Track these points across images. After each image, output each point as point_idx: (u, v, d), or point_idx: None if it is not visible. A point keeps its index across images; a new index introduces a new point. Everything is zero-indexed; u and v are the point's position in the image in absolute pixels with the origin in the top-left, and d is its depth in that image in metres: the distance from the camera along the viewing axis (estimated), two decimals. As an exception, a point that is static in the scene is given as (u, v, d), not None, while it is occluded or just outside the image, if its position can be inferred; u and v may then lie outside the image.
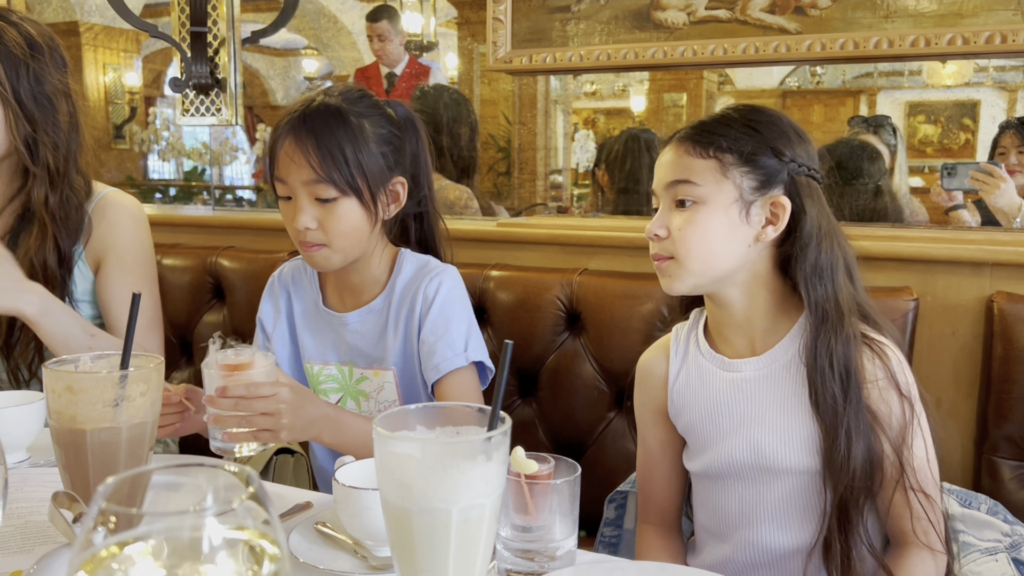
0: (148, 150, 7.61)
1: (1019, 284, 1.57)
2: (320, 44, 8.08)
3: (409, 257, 1.50)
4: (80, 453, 0.88)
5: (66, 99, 1.55)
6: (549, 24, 1.97)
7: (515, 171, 5.19)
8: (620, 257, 1.89)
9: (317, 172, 1.33)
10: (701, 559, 1.30)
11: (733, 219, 1.16)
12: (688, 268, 1.17)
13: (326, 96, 1.38)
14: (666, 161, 1.21)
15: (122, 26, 2.38)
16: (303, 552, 1.00)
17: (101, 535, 0.45)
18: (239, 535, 0.47)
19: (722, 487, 1.24)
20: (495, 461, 0.71)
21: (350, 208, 1.37)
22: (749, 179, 1.16)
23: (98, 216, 1.62)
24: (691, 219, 1.16)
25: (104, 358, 0.96)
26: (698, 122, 1.21)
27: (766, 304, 1.22)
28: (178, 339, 2.19)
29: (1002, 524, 1.32)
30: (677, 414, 1.28)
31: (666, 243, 1.18)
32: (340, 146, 1.33)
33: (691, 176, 1.17)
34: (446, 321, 1.42)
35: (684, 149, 1.19)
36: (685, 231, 1.16)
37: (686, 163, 1.18)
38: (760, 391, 1.20)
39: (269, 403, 1.16)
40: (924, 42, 1.61)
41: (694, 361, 1.27)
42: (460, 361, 1.40)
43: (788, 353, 1.20)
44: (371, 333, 1.48)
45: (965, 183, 2.24)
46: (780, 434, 1.18)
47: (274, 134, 1.37)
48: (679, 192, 1.17)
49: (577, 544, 1.01)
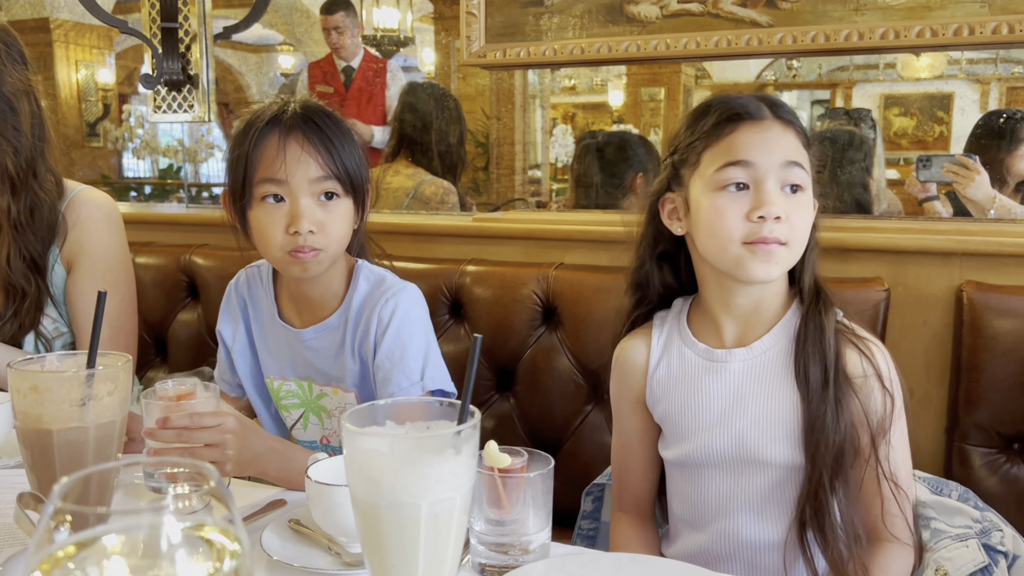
0: (123, 148, 7.52)
1: (988, 273, 1.59)
2: (293, 39, 8.03)
3: (365, 271, 1.43)
4: (47, 453, 0.87)
5: (27, 98, 1.50)
6: (523, 18, 1.97)
7: (493, 166, 5.18)
8: (596, 251, 1.89)
9: (327, 168, 1.28)
10: (675, 548, 1.31)
11: (812, 212, 1.17)
12: (794, 255, 1.15)
13: (304, 100, 1.35)
14: (771, 138, 1.14)
15: (93, 22, 2.35)
16: (276, 550, 0.99)
17: (58, 535, 0.45)
18: (199, 532, 0.46)
19: (699, 477, 1.24)
20: (464, 455, 0.71)
21: (347, 209, 1.34)
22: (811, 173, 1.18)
23: (71, 215, 1.58)
24: (801, 204, 1.14)
25: (71, 357, 0.95)
26: (779, 107, 1.17)
27: (777, 292, 1.21)
28: (152, 338, 2.17)
29: (972, 511, 1.33)
30: (655, 402, 1.28)
31: (783, 226, 1.11)
32: (341, 143, 1.30)
33: (803, 161, 1.14)
34: (402, 347, 1.35)
35: (793, 132, 1.15)
36: (798, 216, 1.13)
37: (796, 147, 1.15)
38: (745, 382, 1.20)
39: (213, 434, 1.12)
40: (893, 35, 1.62)
41: (677, 351, 1.26)
42: (415, 391, 1.33)
43: (776, 344, 1.20)
44: (328, 351, 1.41)
45: (940, 175, 2.27)
46: (763, 426, 1.18)
47: (253, 136, 1.30)
48: (793, 176, 1.13)
49: (551, 537, 1.02)
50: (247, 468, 1.18)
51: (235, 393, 1.53)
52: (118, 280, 1.63)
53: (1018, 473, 1.50)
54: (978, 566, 1.25)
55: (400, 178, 2.80)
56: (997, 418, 1.50)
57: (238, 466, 1.16)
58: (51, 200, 1.55)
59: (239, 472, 1.18)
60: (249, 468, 1.19)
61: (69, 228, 1.57)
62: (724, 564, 1.24)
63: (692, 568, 0.94)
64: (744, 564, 1.24)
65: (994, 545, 1.28)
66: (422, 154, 2.83)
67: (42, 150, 1.54)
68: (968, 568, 1.26)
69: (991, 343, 1.50)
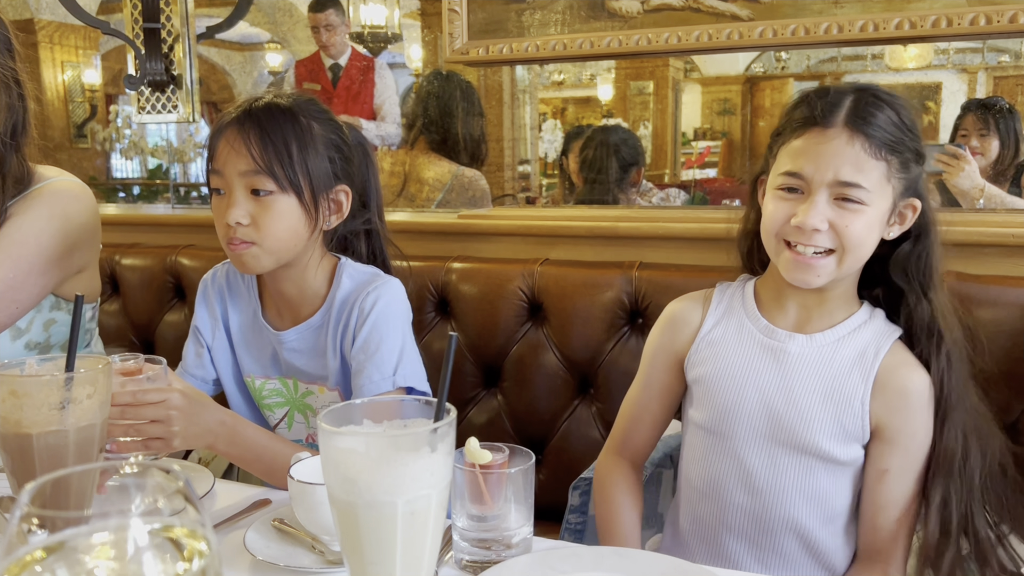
0: (110, 149, 7.49)
1: (969, 263, 1.60)
2: (278, 37, 8.00)
3: (349, 268, 1.41)
4: (27, 457, 0.87)
5: (6, 89, 1.41)
6: (505, 15, 1.97)
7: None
8: (580, 247, 1.90)
9: (257, 163, 1.26)
10: (682, 515, 1.32)
11: (883, 221, 1.15)
12: (844, 264, 1.14)
13: (275, 95, 1.34)
14: (831, 151, 1.11)
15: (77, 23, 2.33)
16: (260, 549, 1.00)
17: (26, 538, 0.45)
18: (167, 534, 0.47)
19: (726, 446, 1.25)
20: (440, 452, 0.71)
21: (288, 207, 1.30)
22: (901, 184, 1.14)
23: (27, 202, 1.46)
24: (858, 219, 1.12)
25: (50, 361, 0.95)
26: (862, 109, 1.12)
27: (842, 295, 1.22)
28: (140, 340, 2.17)
29: None
30: (697, 363, 1.28)
31: (826, 236, 1.12)
32: (285, 140, 1.28)
33: (862, 180, 1.10)
34: (378, 340, 1.33)
35: (859, 144, 1.11)
36: (853, 229, 1.11)
37: (859, 162, 1.11)
38: (797, 368, 1.20)
39: (158, 410, 1.12)
40: (873, 27, 1.63)
41: (737, 320, 1.27)
42: (386, 385, 1.31)
43: (840, 341, 1.20)
44: (310, 351, 1.40)
45: (930, 164, 2.27)
46: (806, 414, 1.19)
47: (216, 126, 1.32)
48: (848, 192, 1.11)
49: (533, 531, 1.02)
50: (196, 442, 1.18)
51: (205, 389, 1.48)
52: (19, 259, 1.42)
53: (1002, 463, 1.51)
54: None
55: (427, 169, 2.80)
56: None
57: (186, 441, 1.16)
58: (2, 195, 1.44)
59: (188, 446, 1.19)
60: (198, 442, 1.19)
61: (8, 217, 1.44)
62: (734, 539, 1.25)
63: (672, 560, 0.95)
64: (755, 544, 1.24)
65: None
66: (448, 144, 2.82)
67: (17, 145, 1.45)
68: None
69: (973, 333, 1.51)
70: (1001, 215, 1.69)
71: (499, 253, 1.94)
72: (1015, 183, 2.63)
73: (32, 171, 1.52)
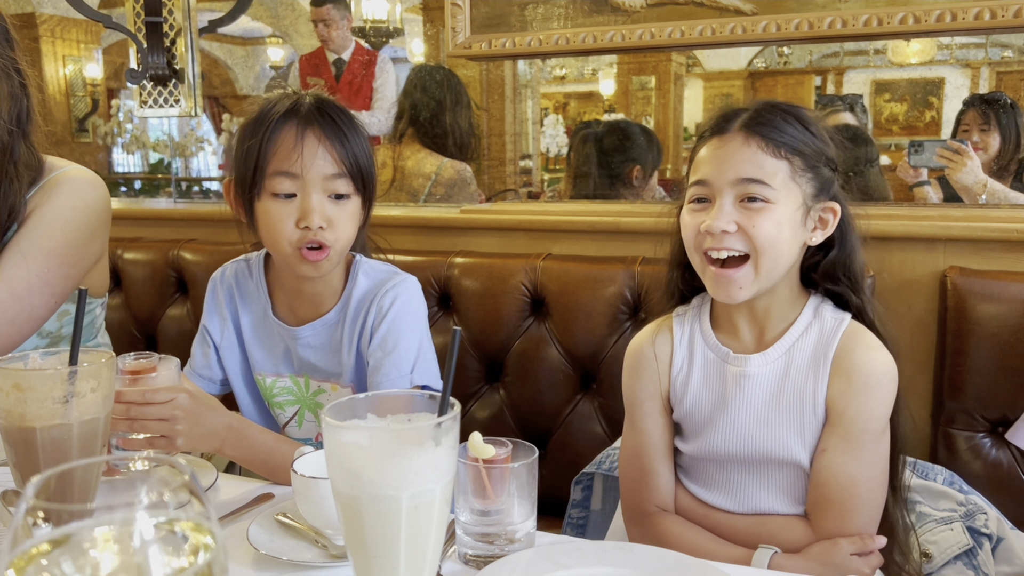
0: (112, 143, 7.49)
1: (972, 259, 1.60)
2: (280, 31, 7.99)
3: (364, 265, 1.42)
4: (31, 451, 0.87)
5: (7, 78, 1.40)
6: (508, 9, 1.97)
7: (483, 157, 5.17)
8: (583, 241, 1.89)
9: (340, 166, 1.27)
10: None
11: (796, 223, 1.14)
12: (760, 270, 1.13)
13: (316, 94, 1.33)
14: (729, 154, 1.14)
15: (79, 17, 2.33)
16: (263, 543, 1.00)
17: (31, 532, 0.45)
18: (173, 528, 0.47)
19: (715, 467, 1.25)
20: (444, 447, 0.71)
21: (356, 208, 1.33)
22: (810, 186, 1.15)
23: (44, 192, 1.46)
24: (763, 216, 1.12)
25: (53, 355, 0.95)
26: (758, 115, 1.15)
27: (785, 300, 1.21)
28: (143, 335, 2.17)
29: (957, 494, 1.35)
30: (677, 400, 1.26)
31: (736, 238, 1.13)
32: (359, 142, 1.30)
33: (764, 177, 1.12)
34: (396, 337, 1.34)
35: (756, 144, 1.13)
36: (760, 227, 1.11)
37: (759, 160, 1.12)
38: (761, 388, 1.20)
39: (163, 409, 1.12)
40: (877, 21, 1.63)
41: (700, 351, 1.25)
42: (403, 383, 1.32)
43: (791, 347, 1.20)
44: (325, 347, 1.40)
45: (932, 160, 2.27)
46: (775, 429, 1.19)
47: (268, 127, 1.27)
48: (751, 190, 1.12)
49: (536, 526, 1.02)
50: (201, 444, 1.18)
51: (211, 389, 1.48)
52: (49, 252, 1.43)
53: (1002, 456, 1.52)
54: (963, 548, 1.27)
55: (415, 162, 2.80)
56: (981, 402, 1.52)
57: (191, 442, 1.16)
58: (20, 184, 1.44)
59: (193, 448, 1.19)
60: (204, 444, 1.19)
61: (35, 205, 1.45)
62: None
63: (676, 555, 0.95)
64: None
65: (978, 528, 1.30)
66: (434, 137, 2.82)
67: (24, 133, 1.44)
68: (953, 551, 1.27)
69: (975, 328, 1.51)
70: (1003, 210, 1.69)
71: (501, 248, 1.94)
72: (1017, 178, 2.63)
73: (43, 160, 1.51)
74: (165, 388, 1.14)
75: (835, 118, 3.02)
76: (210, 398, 1.25)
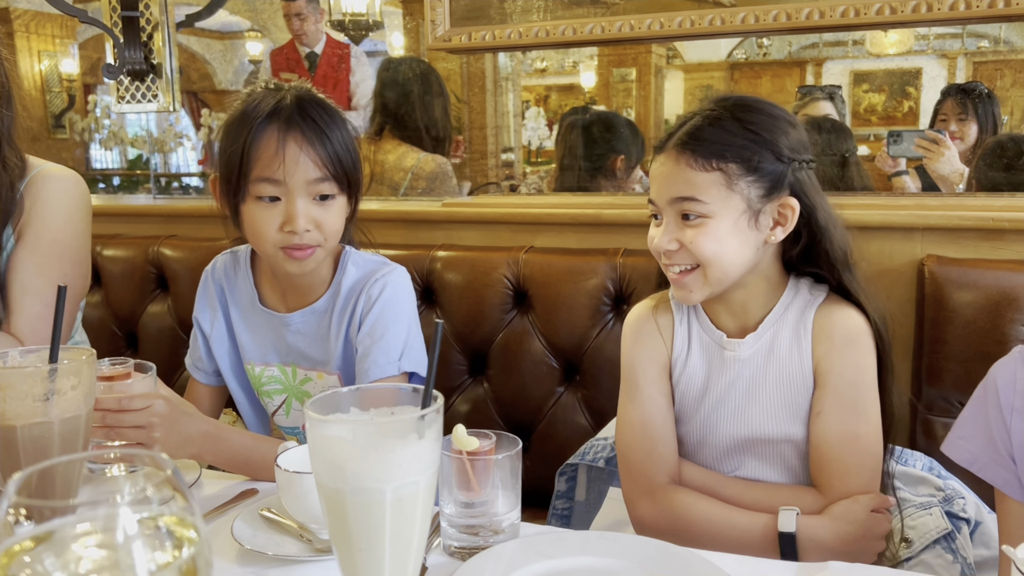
0: (89, 139, 7.40)
1: (949, 247, 1.62)
2: (259, 25, 7.92)
3: (354, 256, 1.43)
4: (11, 449, 0.87)
5: None
6: (487, 2, 1.97)
7: (465, 150, 5.17)
8: (565, 234, 1.90)
9: (324, 169, 1.27)
10: None
11: (743, 228, 1.14)
12: (708, 278, 1.15)
13: (298, 90, 1.32)
14: (664, 173, 1.16)
15: (54, 11, 2.29)
16: (248, 539, 1.00)
17: (12, 529, 0.45)
18: (156, 523, 0.47)
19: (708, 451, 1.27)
20: (428, 439, 0.71)
21: (342, 205, 1.33)
22: (756, 188, 1.14)
23: (31, 193, 1.47)
24: (701, 233, 1.13)
25: (33, 352, 0.94)
26: (691, 128, 1.15)
27: (763, 291, 1.23)
28: (123, 332, 2.16)
29: (936, 480, 1.37)
30: (676, 380, 1.27)
31: (682, 254, 1.15)
32: (342, 140, 1.29)
33: (695, 193, 1.12)
34: (385, 325, 1.35)
35: (684, 161, 1.13)
36: (698, 244, 1.13)
37: (688, 178, 1.13)
38: (751, 369, 1.22)
39: (140, 416, 1.12)
40: (854, 12, 1.64)
41: (697, 335, 1.27)
42: (391, 370, 1.33)
43: (774, 325, 1.21)
44: (314, 334, 1.42)
45: (911, 150, 2.29)
46: (769, 408, 1.21)
47: (250, 130, 1.27)
48: (684, 208, 1.14)
49: (520, 517, 1.03)
50: (178, 451, 1.18)
51: (209, 381, 1.51)
52: (63, 257, 1.48)
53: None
54: (941, 532, 1.29)
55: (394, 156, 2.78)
56: (960, 389, 1.54)
57: (167, 448, 1.15)
58: (11, 179, 1.45)
59: (170, 454, 1.18)
60: (181, 451, 1.19)
61: (26, 207, 1.46)
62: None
63: (658, 543, 0.96)
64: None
65: (956, 512, 1.31)
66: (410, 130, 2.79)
67: (8, 128, 1.44)
68: (932, 535, 1.29)
69: (952, 315, 1.53)
70: (979, 199, 1.71)
71: (484, 241, 1.94)
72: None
73: (24, 155, 1.51)
74: (141, 395, 1.14)
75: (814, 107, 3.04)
76: (187, 404, 1.26)
